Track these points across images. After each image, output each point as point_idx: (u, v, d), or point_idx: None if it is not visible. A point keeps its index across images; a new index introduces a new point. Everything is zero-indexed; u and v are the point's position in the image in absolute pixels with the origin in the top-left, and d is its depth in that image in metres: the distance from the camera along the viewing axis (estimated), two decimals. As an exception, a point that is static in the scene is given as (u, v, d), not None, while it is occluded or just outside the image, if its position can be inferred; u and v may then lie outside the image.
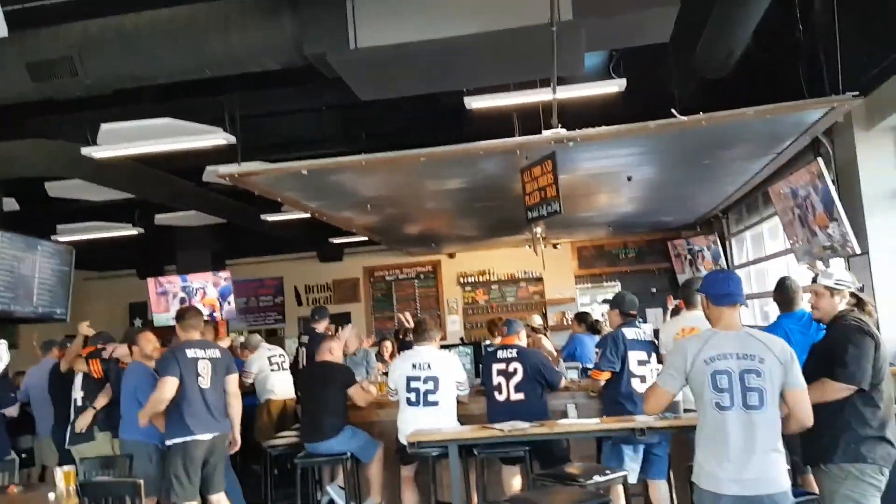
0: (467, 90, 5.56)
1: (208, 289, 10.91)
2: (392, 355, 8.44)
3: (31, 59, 4.77)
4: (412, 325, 7.83)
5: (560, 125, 4.99)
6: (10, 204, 8.22)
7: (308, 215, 8.18)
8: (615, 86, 5.59)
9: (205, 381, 4.94)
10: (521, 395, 4.93)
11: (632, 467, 4.54)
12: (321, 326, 7.19)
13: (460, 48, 4.40)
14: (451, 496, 4.47)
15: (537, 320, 8.25)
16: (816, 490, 3.50)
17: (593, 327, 7.38)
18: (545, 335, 7.81)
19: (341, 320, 9.89)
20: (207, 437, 4.88)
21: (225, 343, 6.81)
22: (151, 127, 5.81)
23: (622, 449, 4.56)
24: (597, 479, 4.08)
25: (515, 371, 4.98)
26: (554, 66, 4.23)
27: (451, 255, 13.24)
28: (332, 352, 5.59)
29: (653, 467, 4.61)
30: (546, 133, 5.04)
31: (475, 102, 5.63)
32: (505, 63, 4.76)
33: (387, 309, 13.51)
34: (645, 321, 8.66)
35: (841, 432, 3.30)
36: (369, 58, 4.40)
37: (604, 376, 4.71)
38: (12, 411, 6.19)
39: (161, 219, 9.80)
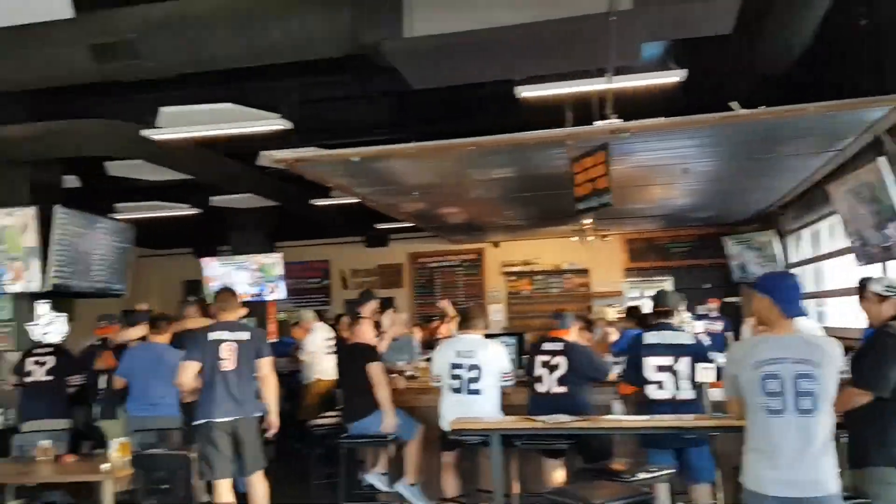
0: (519, 79, 5.53)
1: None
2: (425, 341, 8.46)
3: (94, 41, 4.88)
4: (452, 314, 7.86)
5: (615, 115, 4.92)
6: (72, 181, 8.50)
7: (355, 200, 8.26)
8: (674, 76, 5.48)
9: (227, 364, 4.83)
10: (563, 389, 4.88)
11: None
12: (366, 310, 7.27)
13: (513, 37, 4.36)
14: (493, 485, 4.48)
15: (610, 314, 8.11)
16: None
17: (643, 322, 7.26)
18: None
19: (385, 305, 9.96)
20: (226, 419, 4.79)
21: None
22: (211, 111, 5.94)
23: (650, 454, 4.45)
24: (641, 475, 4.05)
25: (559, 365, 4.94)
26: (610, 57, 4.18)
27: (496, 244, 13.20)
28: (362, 334, 5.65)
29: (691, 472, 4.50)
30: (600, 123, 4.97)
31: (526, 92, 5.58)
32: (559, 53, 4.70)
33: (429, 295, 13.57)
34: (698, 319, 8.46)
35: (881, 437, 3.32)
36: (422, 46, 4.39)
37: (628, 390, 4.62)
38: (77, 380, 6.32)
39: (216, 200, 10.02)
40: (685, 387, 4.46)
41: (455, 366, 5.04)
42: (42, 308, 7.37)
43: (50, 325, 7.31)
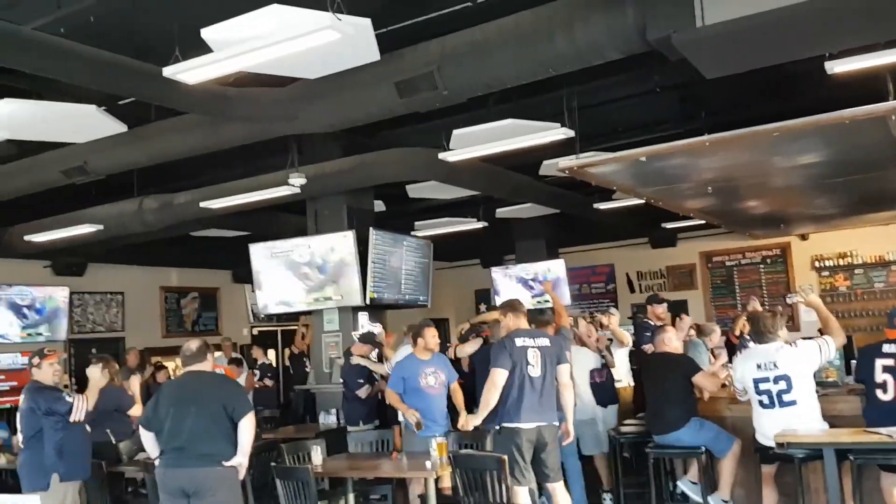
0: (828, 54, 4.96)
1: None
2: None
3: (397, 78, 5.35)
4: (758, 311, 7.25)
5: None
6: (379, 205, 9.48)
7: (640, 201, 8.04)
8: None
9: (534, 370, 4.87)
10: (914, 396, 4.26)
11: None
12: (651, 314, 7.04)
13: (820, 11, 3.93)
14: (828, 504, 4.06)
15: None
16: None
17: None
18: None
19: (678, 308, 9.55)
20: (531, 425, 4.80)
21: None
22: (496, 129, 6.20)
23: None
24: None
25: (910, 369, 4.31)
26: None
27: (804, 237, 11.98)
28: (668, 342, 5.45)
29: None
30: (932, 92, 4.28)
31: (838, 67, 4.99)
32: (875, 20, 4.14)
33: (728, 297, 12.72)
34: None
35: None
36: (717, 34, 4.14)
37: None
38: (362, 393, 6.92)
39: (501, 212, 10.47)
40: None
41: (759, 381, 4.65)
42: (363, 319, 8.31)
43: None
